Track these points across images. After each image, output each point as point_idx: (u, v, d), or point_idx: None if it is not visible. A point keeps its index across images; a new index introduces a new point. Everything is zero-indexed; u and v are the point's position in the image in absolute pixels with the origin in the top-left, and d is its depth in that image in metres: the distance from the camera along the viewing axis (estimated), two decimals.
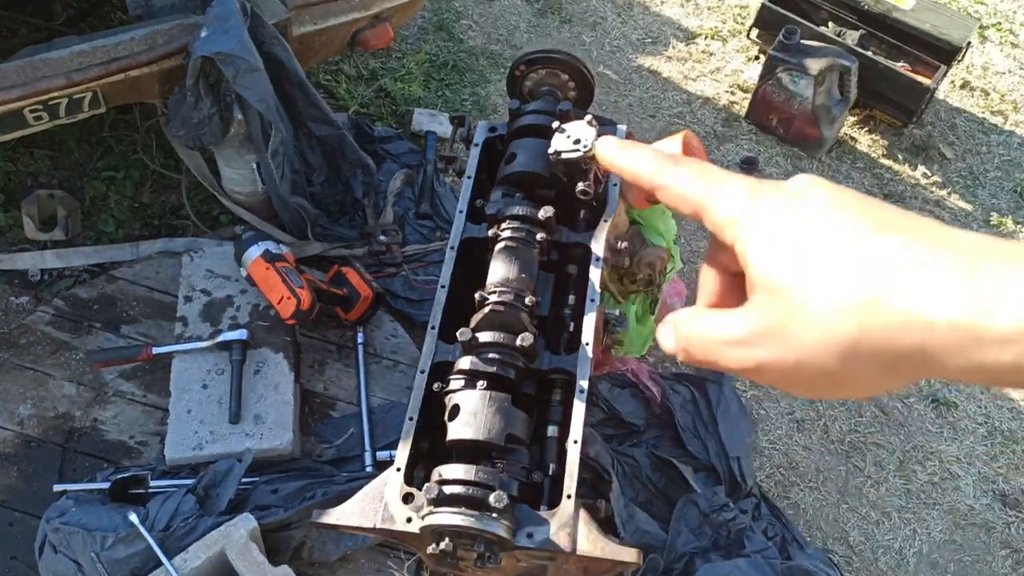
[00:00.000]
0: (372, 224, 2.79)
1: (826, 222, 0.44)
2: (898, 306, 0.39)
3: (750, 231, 0.47)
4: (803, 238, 0.44)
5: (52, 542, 1.94)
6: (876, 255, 0.41)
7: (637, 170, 0.54)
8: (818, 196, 0.46)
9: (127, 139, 2.93)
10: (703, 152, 2.00)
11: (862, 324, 0.40)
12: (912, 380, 0.42)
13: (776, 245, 0.45)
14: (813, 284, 0.42)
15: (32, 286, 2.58)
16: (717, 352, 0.48)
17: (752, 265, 0.46)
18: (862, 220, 0.43)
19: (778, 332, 0.44)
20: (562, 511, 1.50)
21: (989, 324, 0.37)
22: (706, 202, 0.50)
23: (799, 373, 0.44)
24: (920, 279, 0.39)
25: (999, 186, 3.53)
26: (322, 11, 2.43)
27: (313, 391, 2.40)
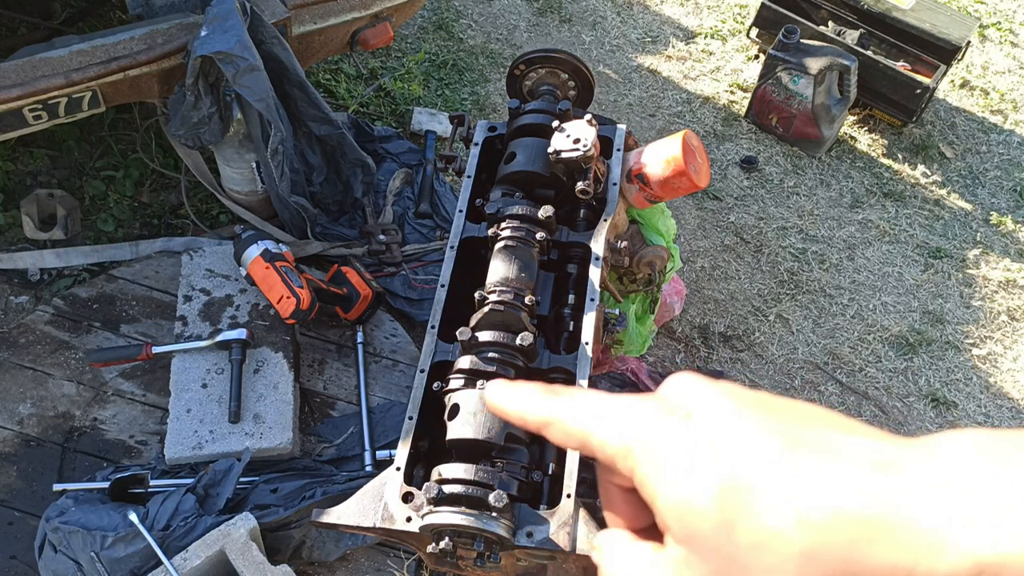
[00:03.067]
0: (372, 223, 2.80)
1: (732, 447, 0.40)
2: (837, 554, 0.37)
3: (650, 469, 0.43)
4: (712, 476, 0.40)
5: (52, 541, 1.94)
6: (799, 496, 0.38)
7: (521, 409, 0.50)
8: (713, 412, 0.42)
9: (126, 138, 2.93)
10: (702, 151, 2.00)
11: None
12: None
13: (684, 489, 0.41)
14: (739, 536, 0.39)
15: (32, 285, 2.58)
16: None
17: (662, 510, 0.42)
18: (770, 444, 0.40)
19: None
20: (562, 510, 1.50)
21: (930, 568, 0.35)
22: (593, 434, 0.46)
23: None
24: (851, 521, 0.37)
25: (999, 185, 3.53)
26: (321, 10, 2.43)
27: (313, 390, 2.40)
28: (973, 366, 2.95)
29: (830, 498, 0.38)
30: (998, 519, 0.35)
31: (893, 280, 3.15)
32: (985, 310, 3.11)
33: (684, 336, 2.87)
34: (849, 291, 3.10)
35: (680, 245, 3.00)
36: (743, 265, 3.12)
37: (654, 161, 1.95)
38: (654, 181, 1.96)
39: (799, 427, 0.41)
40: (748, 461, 0.40)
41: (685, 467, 0.41)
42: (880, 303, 3.07)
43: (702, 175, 1.97)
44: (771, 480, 0.39)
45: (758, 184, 3.38)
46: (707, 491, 0.40)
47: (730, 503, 0.40)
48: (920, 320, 3.04)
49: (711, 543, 0.40)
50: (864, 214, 3.34)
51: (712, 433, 0.41)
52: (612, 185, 1.98)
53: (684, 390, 0.45)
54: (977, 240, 3.32)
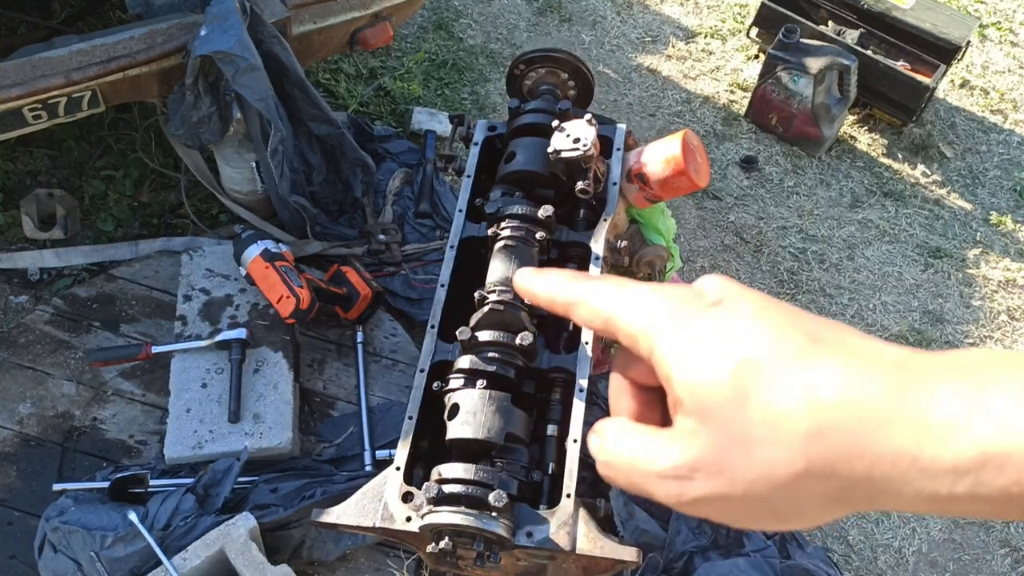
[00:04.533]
0: (371, 223, 2.79)
1: (754, 335, 0.41)
2: (843, 436, 0.37)
3: (671, 345, 0.42)
4: (731, 354, 0.40)
5: (51, 541, 1.94)
6: (813, 379, 0.39)
7: (550, 291, 0.50)
8: (740, 304, 0.43)
9: (126, 138, 2.92)
10: (702, 150, 2.00)
11: (808, 455, 0.38)
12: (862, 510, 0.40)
13: (701, 360, 0.41)
14: (750, 411, 0.39)
15: (31, 285, 2.58)
16: (644, 482, 0.44)
17: (677, 384, 0.42)
18: (793, 336, 0.40)
19: (716, 465, 0.40)
20: (561, 510, 1.50)
21: (935, 455, 0.36)
22: (618, 311, 0.46)
23: (742, 507, 0.41)
24: (861, 406, 0.37)
25: (999, 185, 3.53)
26: (321, 10, 2.43)
27: (312, 390, 2.40)
28: None
29: (843, 384, 0.38)
30: (1007, 414, 0.35)
31: (893, 280, 3.15)
32: (985, 310, 3.11)
33: None
34: (849, 291, 3.10)
35: (680, 245, 2.99)
36: (743, 265, 3.12)
37: (654, 161, 1.95)
38: (654, 181, 1.96)
39: (823, 329, 0.41)
40: (770, 345, 0.40)
41: (707, 344, 0.42)
42: (880, 303, 3.07)
43: (702, 175, 1.97)
44: (789, 364, 0.39)
45: (758, 184, 3.38)
46: (725, 366, 0.40)
47: (746, 379, 0.40)
48: (920, 320, 3.04)
49: (721, 416, 0.40)
50: (864, 214, 3.34)
51: (739, 318, 0.42)
52: (612, 185, 1.98)
53: (718, 284, 0.45)
54: (977, 240, 3.32)
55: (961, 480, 0.35)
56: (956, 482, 0.35)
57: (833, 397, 0.38)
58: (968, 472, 0.35)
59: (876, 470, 0.37)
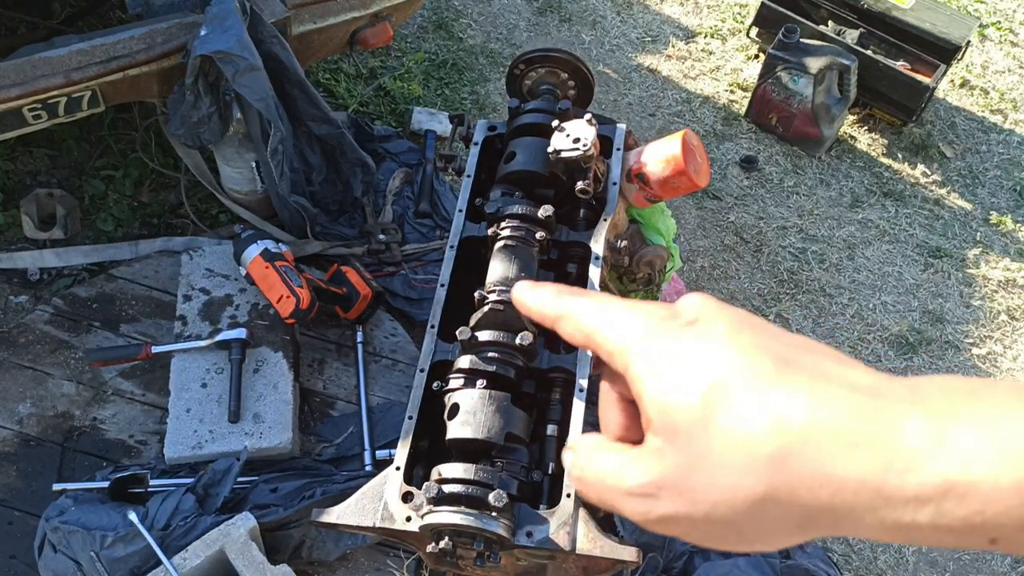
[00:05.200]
0: (371, 223, 2.79)
1: (725, 357, 0.41)
2: (806, 463, 0.37)
3: (643, 364, 0.43)
4: (701, 376, 0.41)
5: (51, 541, 1.94)
6: (780, 403, 0.39)
7: (540, 305, 0.51)
8: (714, 325, 0.43)
9: (126, 138, 2.92)
10: (702, 150, 2.00)
11: (771, 480, 0.38)
12: (827, 535, 0.39)
13: (672, 381, 0.42)
14: (715, 432, 0.40)
15: (31, 285, 2.58)
16: (612, 499, 0.44)
17: (647, 402, 0.43)
18: (764, 356, 0.41)
19: (679, 484, 0.41)
20: (561, 510, 1.50)
21: (898, 484, 0.36)
22: (598, 328, 0.47)
23: (705, 527, 0.41)
24: (826, 433, 0.37)
25: (999, 185, 3.53)
26: (321, 10, 2.43)
27: (312, 390, 2.40)
28: (973, 365, 2.95)
29: (809, 410, 0.38)
30: (972, 445, 0.35)
31: (893, 280, 3.15)
32: (985, 310, 3.11)
33: None
34: (849, 291, 3.09)
35: (680, 244, 2.99)
36: (743, 265, 3.12)
37: (654, 160, 1.95)
38: (654, 180, 1.95)
39: (795, 352, 0.41)
40: (740, 368, 0.41)
41: (678, 365, 0.42)
42: (880, 303, 3.07)
43: (702, 174, 1.97)
44: (757, 387, 0.40)
45: (758, 184, 3.38)
46: (695, 388, 0.41)
47: (713, 401, 0.40)
48: (920, 320, 3.04)
49: (688, 437, 0.41)
50: (864, 213, 3.34)
51: (711, 340, 0.42)
52: (612, 184, 1.98)
53: (696, 303, 0.45)
54: (977, 240, 3.32)
55: (923, 509, 0.36)
56: (919, 511, 0.36)
57: (798, 423, 0.38)
58: (930, 501, 0.35)
59: (839, 498, 0.37)
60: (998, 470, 0.34)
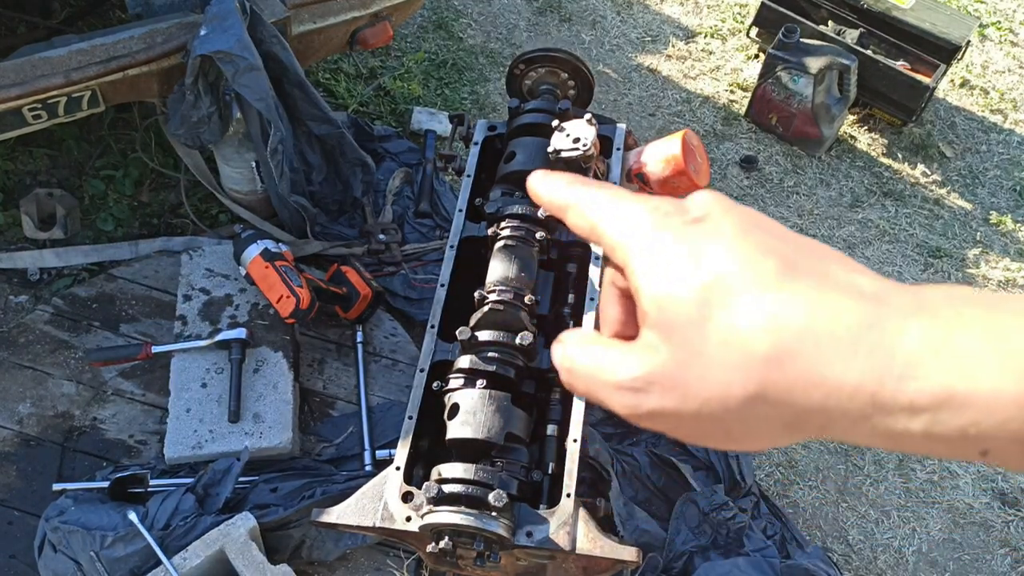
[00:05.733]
0: (371, 223, 2.79)
1: (729, 256, 0.40)
2: (802, 365, 0.37)
3: (643, 258, 0.42)
4: (702, 272, 0.40)
5: (51, 541, 1.94)
6: (781, 305, 0.38)
7: (551, 192, 0.50)
8: (721, 223, 0.42)
9: (126, 138, 2.92)
10: (702, 150, 2.00)
11: (764, 380, 0.37)
12: (814, 438, 0.39)
13: (670, 275, 0.41)
14: (712, 330, 0.39)
15: (31, 285, 2.58)
16: (602, 392, 0.44)
17: (644, 296, 0.42)
18: (769, 258, 0.39)
19: (672, 380, 0.40)
20: (561, 510, 1.50)
21: (894, 391, 0.35)
22: (602, 219, 0.45)
23: (694, 424, 0.41)
24: (825, 336, 0.37)
25: (998, 184, 3.53)
26: (321, 10, 2.43)
27: (312, 390, 2.40)
28: None
29: (810, 312, 0.38)
30: (971, 357, 0.34)
31: (893, 279, 3.14)
32: None
33: None
34: None
35: None
36: None
37: (654, 160, 1.95)
38: (654, 180, 1.96)
39: (803, 255, 0.40)
40: (743, 267, 0.40)
41: (679, 260, 0.41)
42: None
43: (702, 174, 1.97)
44: (759, 287, 0.39)
45: (758, 183, 3.38)
46: (693, 283, 0.40)
47: (712, 298, 0.39)
48: None
49: (683, 332, 0.40)
50: (864, 213, 3.34)
51: (717, 237, 0.41)
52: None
53: (706, 200, 0.44)
54: (977, 239, 3.32)
55: (917, 418, 0.35)
56: (912, 419, 0.35)
57: (797, 324, 0.37)
58: (926, 410, 0.35)
59: (832, 401, 0.36)
60: (999, 381, 0.33)
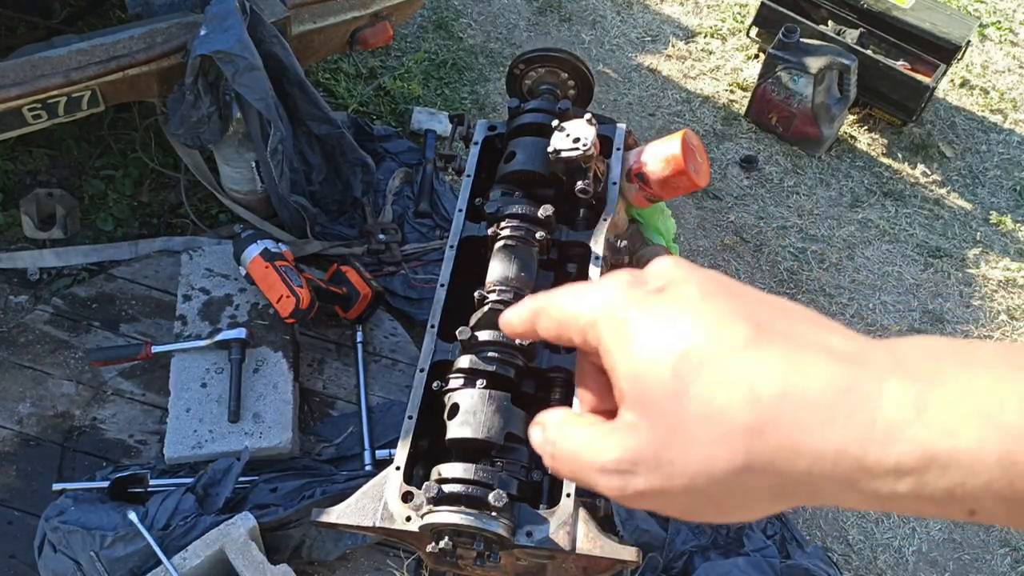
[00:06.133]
0: (371, 223, 2.79)
1: (696, 325, 0.39)
2: (784, 434, 0.36)
3: (612, 334, 0.42)
4: (672, 346, 0.39)
5: (51, 541, 1.94)
6: (755, 374, 0.37)
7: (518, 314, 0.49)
8: (685, 290, 0.41)
9: (126, 138, 2.92)
10: (702, 150, 2.00)
11: (747, 452, 0.37)
12: (806, 504, 0.39)
13: (642, 352, 0.40)
14: (689, 405, 0.38)
15: (31, 285, 2.58)
16: (587, 475, 0.43)
17: (618, 373, 0.41)
18: (736, 323, 0.39)
19: (656, 459, 0.40)
20: (561, 510, 1.50)
21: (878, 455, 0.35)
22: (567, 311, 0.45)
23: (683, 501, 0.40)
24: (802, 404, 0.36)
25: (998, 184, 3.53)
26: (321, 9, 2.43)
27: (312, 390, 2.40)
28: None
29: (785, 378, 0.37)
30: (954, 415, 0.34)
31: (893, 279, 3.15)
32: (985, 309, 3.11)
33: None
34: (849, 290, 3.09)
35: (680, 244, 3.00)
36: (743, 264, 3.12)
37: (654, 160, 1.95)
38: (654, 180, 1.95)
39: (771, 317, 0.40)
40: (712, 335, 0.39)
41: (648, 335, 0.41)
42: (880, 302, 3.07)
43: (702, 174, 1.97)
44: (731, 355, 0.38)
45: (758, 183, 3.38)
46: (666, 358, 0.39)
47: (686, 371, 0.39)
48: (920, 319, 3.04)
49: (661, 409, 0.39)
50: (864, 213, 3.34)
51: (681, 308, 0.41)
52: (612, 184, 1.98)
53: (665, 268, 0.44)
54: (977, 239, 3.32)
55: (903, 480, 0.35)
56: (898, 482, 0.35)
57: (773, 391, 0.37)
58: (911, 473, 0.34)
59: (816, 468, 0.36)
60: (981, 442, 0.33)
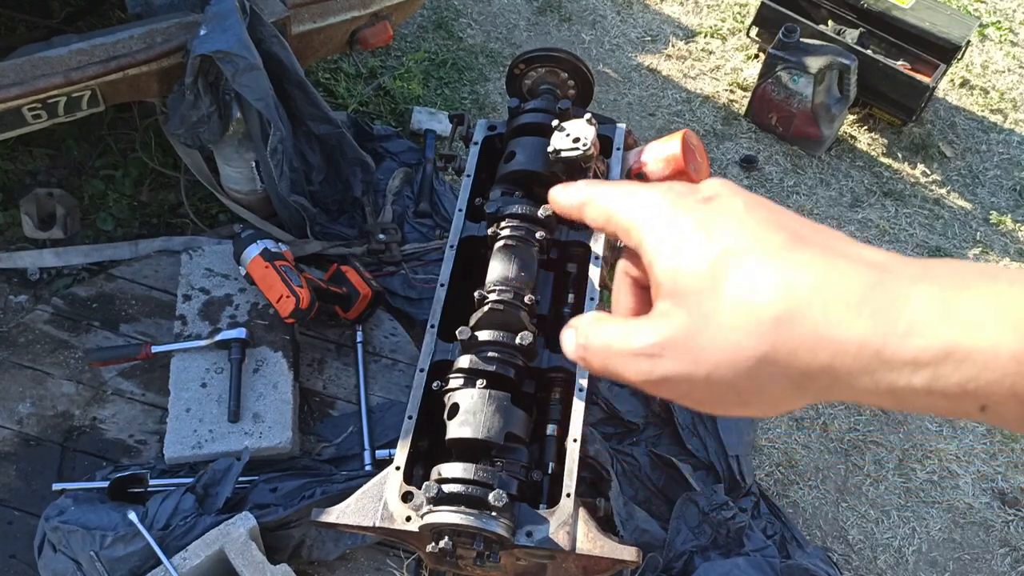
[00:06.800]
0: (371, 223, 2.79)
1: (739, 229, 0.42)
2: (809, 325, 0.38)
3: (657, 234, 0.45)
4: (713, 244, 0.42)
5: (51, 541, 1.94)
6: (790, 270, 0.40)
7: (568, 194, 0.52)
8: (731, 201, 0.44)
9: (126, 137, 2.92)
10: (702, 150, 2.00)
11: (773, 341, 0.39)
12: (821, 399, 0.41)
13: (683, 248, 0.43)
14: (723, 295, 0.41)
15: (31, 285, 2.58)
16: (617, 363, 0.45)
17: (657, 268, 0.44)
18: (777, 231, 0.42)
19: (684, 344, 0.42)
20: (561, 510, 1.50)
21: (898, 347, 0.37)
22: (616, 206, 0.48)
23: (706, 388, 0.42)
24: (832, 298, 0.38)
25: (998, 184, 3.53)
26: (321, 9, 2.43)
27: (312, 390, 2.40)
28: None
29: (818, 277, 0.39)
30: (976, 313, 0.36)
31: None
32: None
33: None
34: None
35: None
36: None
37: (654, 160, 1.95)
38: (654, 180, 1.95)
39: (809, 230, 0.43)
40: (753, 238, 0.42)
41: (692, 234, 0.43)
42: None
43: (702, 174, 1.97)
44: (769, 255, 0.41)
45: (758, 183, 3.38)
46: (706, 254, 0.42)
47: (724, 266, 0.41)
48: None
49: (695, 299, 0.42)
50: (864, 213, 3.34)
51: (728, 213, 0.44)
52: None
53: (717, 184, 0.46)
54: (977, 239, 3.32)
55: (920, 372, 0.36)
56: (915, 374, 0.37)
57: (805, 287, 0.39)
58: (928, 365, 0.36)
59: (838, 360, 0.38)
60: (998, 338, 0.35)
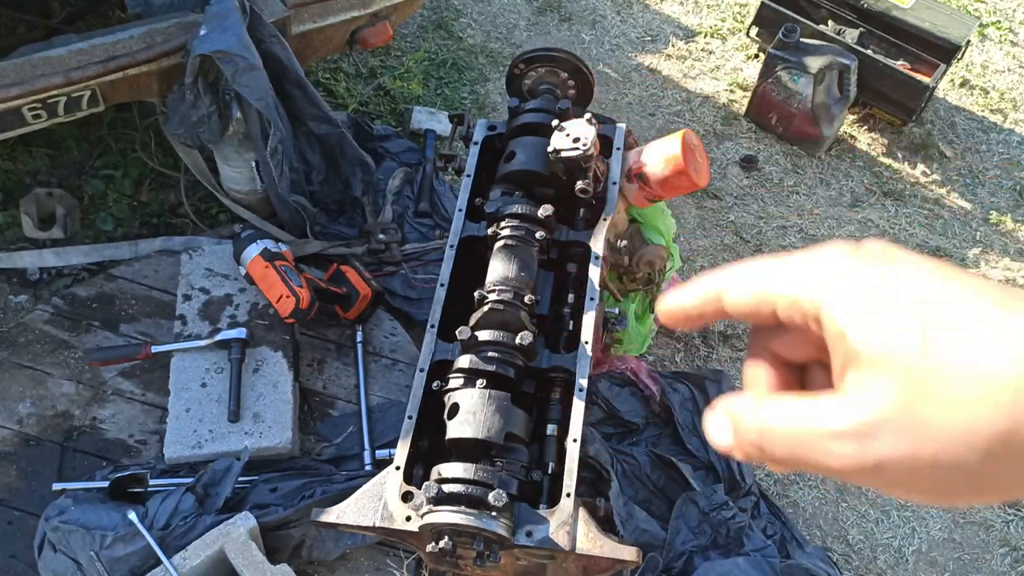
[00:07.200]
0: (371, 222, 2.79)
1: (943, 291, 0.37)
2: None
3: (843, 300, 0.39)
4: (922, 307, 0.37)
5: (51, 541, 1.94)
6: (1018, 333, 0.35)
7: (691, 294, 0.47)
8: (917, 266, 0.39)
9: (126, 137, 2.92)
10: (702, 150, 2.00)
11: (1015, 415, 0.34)
12: None
13: (887, 314, 0.38)
14: (944, 363, 0.35)
15: (31, 285, 2.58)
16: (814, 448, 0.39)
17: (853, 337, 0.38)
18: (986, 291, 0.37)
19: (906, 420, 0.36)
20: (561, 509, 1.50)
21: None
22: (772, 281, 0.42)
23: (931, 472, 0.36)
24: None
25: (998, 184, 3.53)
26: (321, 9, 2.43)
27: (312, 390, 2.40)
28: None
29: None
30: None
31: None
32: None
33: (684, 335, 2.87)
34: None
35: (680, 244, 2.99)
36: None
37: (654, 160, 1.95)
38: (654, 180, 1.95)
39: (1006, 291, 0.38)
40: (964, 297, 0.37)
41: (889, 296, 0.38)
42: None
43: (702, 174, 1.97)
44: (986, 315, 0.36)
45: (758, 183, 3.38)
46: (913, 318, 0.37)
47: (938, 330, 0.36)
48: None
49: (910, 368, 0.36)
50: (864, 213, 3.34)
51: (922, 276, 0.39)
52: (612, 184, 1.98)
53: (882, 245, 0.42)
54: (977, 239, 3.32)
55: None
56: None
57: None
58: None
59: None
60: None
